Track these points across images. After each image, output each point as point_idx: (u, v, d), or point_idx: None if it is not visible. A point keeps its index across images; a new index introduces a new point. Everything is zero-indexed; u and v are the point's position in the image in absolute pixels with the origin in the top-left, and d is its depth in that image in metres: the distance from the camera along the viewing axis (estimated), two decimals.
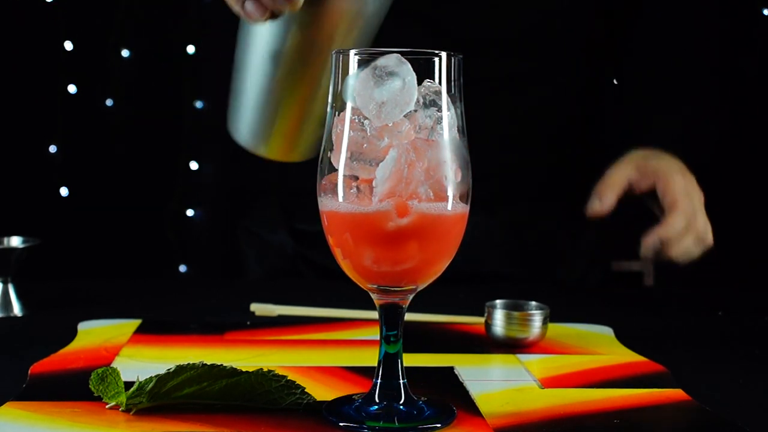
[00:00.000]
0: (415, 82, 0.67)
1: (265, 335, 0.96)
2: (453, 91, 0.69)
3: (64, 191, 1.93)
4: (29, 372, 0.80)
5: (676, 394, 0.79)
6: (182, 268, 2.03)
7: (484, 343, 0.94)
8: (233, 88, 0.99)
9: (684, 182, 1.19)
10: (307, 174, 1.34)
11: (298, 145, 1.00)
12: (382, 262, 0.68)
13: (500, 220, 1.32)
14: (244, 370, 0.72)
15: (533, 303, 0.95)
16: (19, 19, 1.88)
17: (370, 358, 0.87)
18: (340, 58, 0.69)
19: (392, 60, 0.67)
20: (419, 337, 0.95)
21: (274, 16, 0.90)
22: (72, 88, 1.91)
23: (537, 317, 0.92)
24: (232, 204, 1.87)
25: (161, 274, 2.00)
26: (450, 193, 0.68)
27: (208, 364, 0.71)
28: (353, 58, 0.68)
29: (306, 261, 1.36)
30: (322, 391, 0.76)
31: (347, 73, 0.68)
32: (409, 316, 0.89)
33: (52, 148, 1.92)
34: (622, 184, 1.19)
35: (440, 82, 0.68)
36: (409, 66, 0.67)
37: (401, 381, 0.72)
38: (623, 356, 0.91)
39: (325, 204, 0.70)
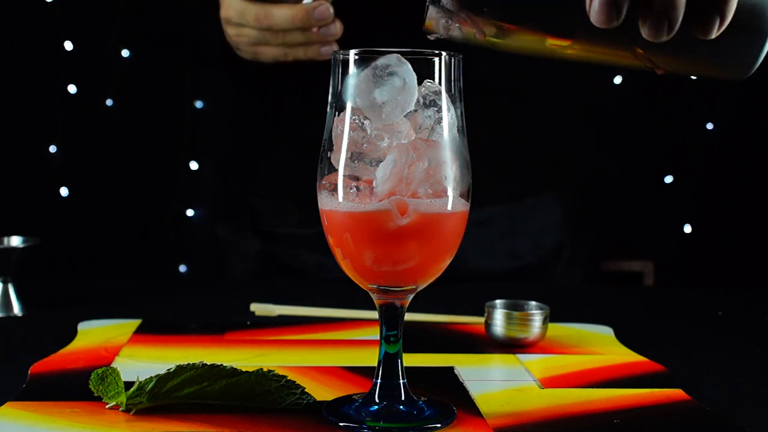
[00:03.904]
0: (416, 82, 0.67)
1: (265, 335, 0.96)
2: (453, 91, 0.69)
3: (64, 191, 1.93)
4: (29, 372, 0.80)
5: (676, 394, 0.79)
6: (182, 268, 2.03)
7: (484, 343, 0.94)
8: None
9: None
10: (273, 177, 1.36)
11: None
12: (383, 262, 0.68)
13: (495, 220, 1.32)
14: (244, 370, 0.72)
15: (533, 303, 0.95)
16: (19, 19, 1.88)
17: (370, 358, 0.87)
18: (340, 58, 0.69)
19: (392, 60, 0.67)
20: (419, 337, 0.95)
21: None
22: (72, 88, 1.91)
23: (537, 317, 0.92)
24: (216, 205, 1.87)
25: (161, 274, 2.00)
26: (450, 192, 0.68)
27: (208, 364, 0.71)
28: (353, 58, 0.68)
29: (274, 263, 1.36)
30: (322, 391, 0.76)
31: (347, 73, 0.68)
32: (409, 316, 0.89)
33: (52, 148, 1.92)
34: None
35: (440, 82, 0.68)
36: (410, 66, 0.67)
37: (401, 381, 0.72)
38: (623, 356, 0.91)
39: (324, 204, 0.70)
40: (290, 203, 1.35)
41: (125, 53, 1.93)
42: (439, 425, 0.69)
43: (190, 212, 2.01)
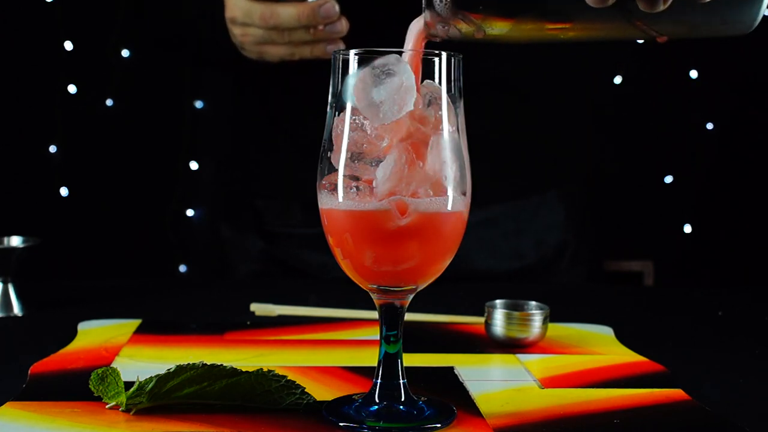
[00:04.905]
0: (414, 81, 0.67)
1: (265, 335, 0.96)
2: (453, 91, 0.69)
3: (64, 191, 1.93)
4: (29, 372, 0.80)
5: (676, 394, 0.79)
6: (182, 268, 2.03)
7: (484, 343, 0.94)
8: None
9: None
10: (275, 177, 1.36)
11: None
12: (383, 261, 0.68)
13: (499, 219, 1.32)
14: (244, 370, 0.72)
15: (533, 303, 0.95)
16: (19, 19, 1.88)
17: (370, 358, 0.87)
18: (340, 58, 0.69)
19: (390, 60, 0.67)
20: (419, 337, 0.95)
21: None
22: (72, 88, 1.91)
23: (537, 317, 0.92)
24: (217, 205, 1.87)
25: (161, 274, 2.00)
26: (450, 192, 0.68)
27: (208, 364, 0.71)
28: (353, 58, 0.68)
29: (277, 262, 1.36)
30: (322, 391, 0.76)
31: (347, 73, 0.68)
32: (409, 316, 0.89)
33: (52, 148, 1.92)
34: None
35: (440, 82, 0.68)
36: (408, 65, 0.67)
37: (401, 381, 0.72)
38: (623, 356, 0.91)
39: (324, 203, 0.69)
40: (293, 203, 1.35)
41: (125, 53, 1.93)
42: (439, 425, 0.69)
43: (190, 212, 2.01)
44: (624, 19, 0.74)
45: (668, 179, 2.04)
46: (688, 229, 2.05)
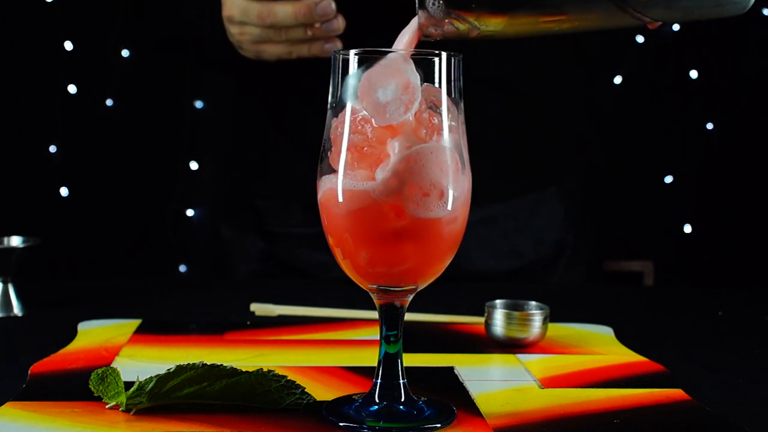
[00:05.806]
0: (419, 81, 0.67)
1: (265, 335, 0.96)
2: (453, 92, 0.69)
3: (64, 191, 1.93)
4: (29, 372, 0.80)
5: (676, 394, 0.79)
6: (182, 268, 2.03)
7: (484, 343, 0.94)
8: None
9: None
10: (276, 177, 1.36)
11: None
12: (382, 263, 0.68)
13: (498, 218, 1.32)
14: (244, 370, 0.72)
15: (533, 303, 0.95)
16: (19, 19, 1.88)
17: (370, 358, 0.87)
18: (340, 58, 0.69)
19: (397, 59, 0.67)
20: (419, 337, 0.95)
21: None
22: (72, 88, 1.91)
23: (537, 317, 0.92)
24: (217, 205, 1.87)
25: (161, 274, 2.00)
26: (450, 194, 0.68)
27: (208, 364, 0.71)
28: (353, 58, 0.68)
29: (277, 262, 1.37)
30: (322, 391, 0.76)
31: (347, 73, 0.68)
32: (409, 316, 0.89)
33: (52, 148, 1.92)
34: None
35: (440, 83, 0.68)
36: (413, 65, 0.67)
37: (401, 381, 0.72)
38: (623, 356, 0.91)
39: (324, 203, 0.69)
40: (293, 203, 1.35)
41: (125, 53, 1.93)
42: (439, 425, 0.69)
43: (190, 212, 2.01)
44: (616, 7, 0.74)
45: (668, 179, 2.04)
46: (688, 229, 2.05)
